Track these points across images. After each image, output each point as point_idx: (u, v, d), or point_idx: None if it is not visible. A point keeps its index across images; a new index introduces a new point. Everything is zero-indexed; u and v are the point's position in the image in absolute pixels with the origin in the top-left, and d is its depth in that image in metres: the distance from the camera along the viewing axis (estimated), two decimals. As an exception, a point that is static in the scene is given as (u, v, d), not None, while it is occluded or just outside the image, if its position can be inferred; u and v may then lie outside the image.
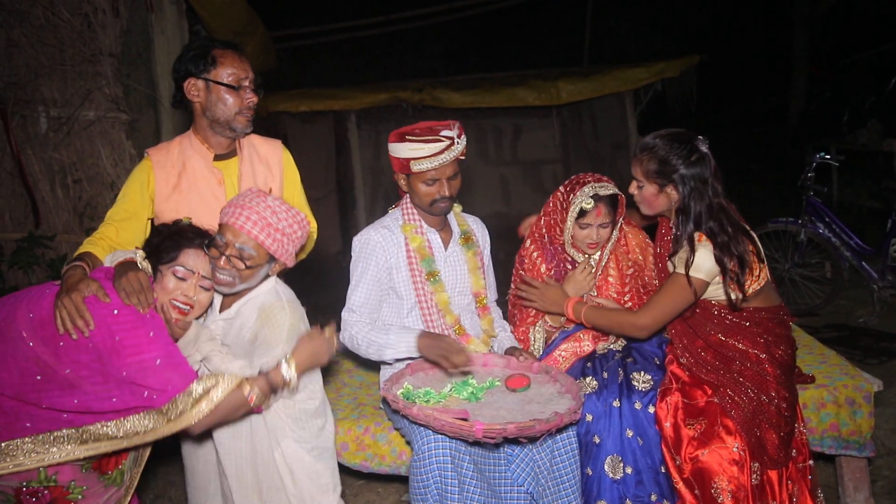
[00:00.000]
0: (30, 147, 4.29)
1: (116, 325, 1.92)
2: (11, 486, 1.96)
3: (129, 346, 1.91)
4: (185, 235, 2.13)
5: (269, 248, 2.15)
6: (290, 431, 2.23)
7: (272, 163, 2.61)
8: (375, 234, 2.63)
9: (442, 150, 2.48)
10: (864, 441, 2.71)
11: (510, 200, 9.86)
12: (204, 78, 2.39)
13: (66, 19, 4.18)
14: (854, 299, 5.68)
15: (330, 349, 2.18)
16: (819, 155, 5.36)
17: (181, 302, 2.10)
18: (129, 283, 1.99)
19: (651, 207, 2.57)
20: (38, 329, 1.92)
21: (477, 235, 2.81)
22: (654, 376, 2.58)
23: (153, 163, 2.46)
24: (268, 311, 2.20)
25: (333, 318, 2.38)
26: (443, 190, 2.54)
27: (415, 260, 2.62)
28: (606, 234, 2.72)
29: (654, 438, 2.48)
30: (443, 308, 2.64)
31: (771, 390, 2.42)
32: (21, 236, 4.24)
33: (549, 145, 9.72)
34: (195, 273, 2.11)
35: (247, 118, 2.46)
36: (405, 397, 2.32)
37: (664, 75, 8.01)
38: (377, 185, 9.29)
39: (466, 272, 2.72)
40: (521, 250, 2.89)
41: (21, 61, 4.21)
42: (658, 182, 2.48)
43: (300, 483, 2.24)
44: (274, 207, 2.16)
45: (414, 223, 2.66)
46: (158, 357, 1.93)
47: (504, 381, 2.48)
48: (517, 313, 2.90)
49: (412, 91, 8.00)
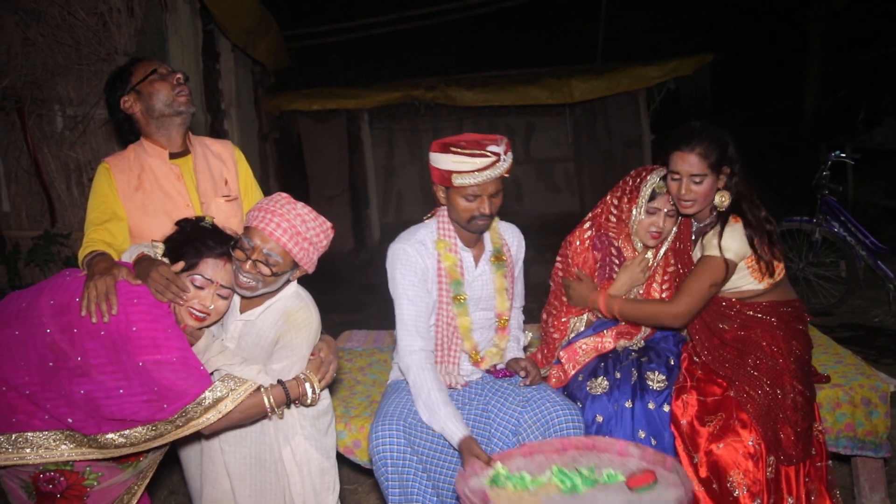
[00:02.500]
0: (46, 145, 4.33)
1: (135, 314, 1.94)
2: (28, 472, 2.00)
3: (146, 338, 1.92)
4: (207, 244, 2.12)
5: (296, 256, 2.15)
6: (301, 429, 2.24)
7: (225, 157, 2.69)
8: (410, 248, 2.52)
9: (487, 167, 2.34)
10: (881, 441, 2.69)
11: (522, 199, 9.84)
12: (130, 89, 2.48)
13: (82, 19, 4.22)
14: (869, 299, 5.64)
15: (335, 364, 2.24)
16: (834, 153, 5.33)
17: (197, 310, 2.10)
18: (158, 279, 2.02)
19: (703, 202, 2.47)
20: (57, 316, 1.94)
21: (512, 248, 2.71)
22: (669, 376, 2.56)
23: (111, 167, 2.52)
24: (293, 315, 2.21)
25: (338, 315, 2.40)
26: (483, 207, 2.41)
27: (444, 280, 2.55)
28: (670, 225, 2.66)
29: (668, 439, 2.47)
30: (463, 333, 2.59)
31: (786, 384, 2.41)
32: (37, 234, 4.28)
33: (562, 144, 9.70)
34: (214, 283, 2.11)
35: (185, 96, 2.52)
36: (492, 482, 2.04)
37: (678, 73, 7.99)
38: (390, 183, 9.32)
39: (493, 292, 2.64)
40: (572, 236, 2.81)
41: (38, 60, 4.26)
42: (717, 171, 2.43)
43: (308, 481, 2.25)
44: (304, 216, 2.16)
45: (448, 240, 2.55)
46: (175, 356, 1.94)
47: (627, 478, 2.00)
48: (562, 300, 2.84)
49: (425, 89, 8.01)
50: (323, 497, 2.28)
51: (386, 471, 2.36)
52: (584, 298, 2.70)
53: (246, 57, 6.80)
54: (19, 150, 4.39)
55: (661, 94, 8.42)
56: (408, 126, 9.32)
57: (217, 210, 2.60)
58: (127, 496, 2.16)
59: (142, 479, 2.21)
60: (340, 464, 3.11)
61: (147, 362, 1.91)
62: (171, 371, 1.93)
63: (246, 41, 6.21)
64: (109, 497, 2.10)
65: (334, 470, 2.34)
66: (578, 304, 2.74)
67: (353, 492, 3.37)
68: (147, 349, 1.92)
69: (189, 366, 1.97)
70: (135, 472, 2.16)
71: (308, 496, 2.25)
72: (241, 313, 2.26)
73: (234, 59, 6.45)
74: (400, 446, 2.37)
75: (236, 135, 6.32)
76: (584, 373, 2.67)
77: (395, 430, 2.38)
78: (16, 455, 1.95)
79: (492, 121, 9.51)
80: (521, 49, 11.42)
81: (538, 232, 5.81)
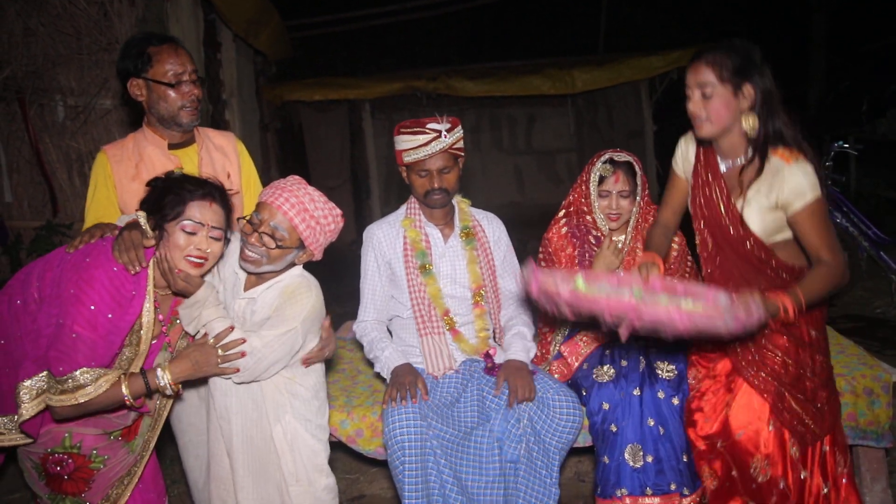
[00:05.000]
0: (47, 135, 4.33)
1: (101, 257, 2.00)
2: (38, 454, 2.04)
3: (87, 278, 1.95)
4: (186, 188, 2.06)
5: (302, 233, 2.16)
6: (291, 408, 2.24)
7: (228, 151, 2.69)
8: (377, 228, 2.78)
9: (427, 143, 2.56)
10: (883, 431, 2.69)
11: (524, 190, 9.84)
12: (143, 77, 2.42)
13: (83, 8, 4.21)
14: (872, 290, 5.63)
15: (214, 361, 2.08)
16: (837, 144, 5.31)
17: (195, 256, 2.06)
18: (124, 240, 2.02)
19: (717, 120, 2.20)
20: (37, 279, 2.05)
21: (487, 231, 2.81)
22: (678, 366, 2.57)
23: (109, 156, 2.51)
24: (293, 289, 2.21)
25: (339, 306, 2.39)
26: (433, 182, 2.60)
27: (410, 252, 2.70)
28: (627, 205, 2.73)
29: (676, 427, 2.47)
30: (433, 299, 2.68)
31: (805, 356, 2.33)
32: (39, 224, 4.29)
33: (564, 134, 9.69)
34: (205, 225, 2.06)
35: (191, 112, 2.48)
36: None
37: (680, 64, 7.93)
38: (391, 174, 9.30)
39: (464, 266, 2.73)
40: (548, 232, 2.87)
41: (38, 50, 4.25)
42: (734, 82, 2.15)
43: (299, 460, 2.25)
44: (313, 196, 2.19)
45: (413, 217, 2.75)
46: (80, 330, 1.92)
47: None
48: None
49: (426, 80, 7.98)
50: (314, 477, 2.27)
51: (403, 455, 2.35)
52: (776, 310, 2.10)
53: (247, 47, 6.78)
54: (21, 141, 4.39)
55: (663, 84, 8.38)
56: (409, 116, 9.25)
57: None
58: (127, 477, 2.18)
59: (137, 462, 2.21)
60: (343, 453, 3.13)
61: (67, 307, 1.92)
62: (75, 340, 1.92)
63: (247, 31, 6.19)
64: (111, 477, 2.13)
65: (325, 452, 2.33)
66: (773, 320, 2.20)
67: (356, 481, 3.38)
68: (80, 283, 1.94)
69: (87, 347, 1.93)
70: (133, 453, 2.18)
71: (300, 475, 2.25)
72: (244, 292, 2.26)
73: (236, 49, 6.43)
74: (419, 429, 2.38)
75: (237, 125, 6.31)
76: (588, 361, 2.68)
77: (412, 412, 2.40)
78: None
79: (493, 111, 9.50)
80: (523, 39, 11.39)
81: (540, 222, 5.79)
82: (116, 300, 1.96)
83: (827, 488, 2.35)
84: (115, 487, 2.14)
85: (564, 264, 2.81)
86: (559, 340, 2.80)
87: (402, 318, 2.77)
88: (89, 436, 2.06)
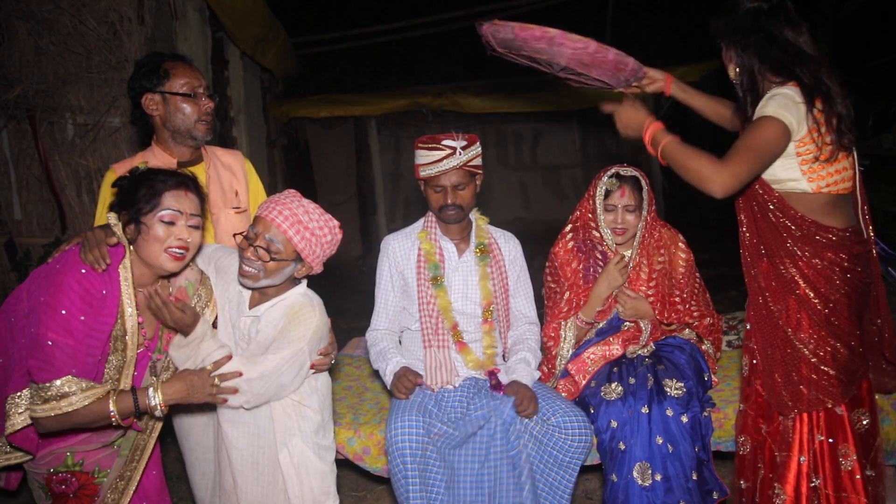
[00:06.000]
0: (57, 153, 4.36)
1: (73, 262, 1.96)
2: (42, 474, 2.03)
3: (57, 283, 1.91)
4: (158, 178, 2.02)
5: (297, 245, 2.15)
6: (300, 431, 2.23)
7: (235, 169, 2.73)
8: (393, 240, 2.82)
9: (441, 158, 2.59)
10: (893, 448, 2.68)
11: (530, 205, 9.85)
12: (159, 91, 2.47)
13: (93, 27, 4.25)
14: (880, 305, 5.58)
15: (208, 389, 2.06)
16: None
17: (177, 247, 2.01)
18: (88, 239, 1.99)
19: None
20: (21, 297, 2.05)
21: (503, 249, 2.81)
22: (687, 384, 2.55)
23: (118, 174, 2.50)
24: (297, 309, 2.21)
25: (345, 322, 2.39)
26: (447, 198, 2.63)
27: (423, 263, 2.73)
28: (633, 220, 2.74)
29: (686, 445, 2.45)
30: (443, 312, 2.68)
31: (802, 332, 2.25)
32: (48, 241, 4.31)
33: (570, 150, 9.71)
34: (183, 213, 2.02)
35: (206, 125, 2.54)
36: None
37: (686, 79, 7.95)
38: (397, 189, 9.34)
39: (476, 282, 2.74)
40: (555, 246, 2.89)
41: (49, 69, 4.30)
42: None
43: (307, 484, 2.23)
44: (307, 208, 2.19)
45: (429, 230, 2.78)
46: (54, 337, 1.87)
47: None
48: (550, 307, 2.88)
49: (432, 96, 8.03)
50: (321, 500, 2.27)
51: (405, 463, 2.36)
52: (639, 123, 2.43)
53: (255, 64, 6.84)
54: (30, 158, 4.43)
55: (668, 100, 8.40)
56: (415, 133, 9.33)
57: (227, 222, 2.62)
58: (122, 482, 2.15)
59: (134, 464, 2.18)
60: (349, 471, 3.12)
61: (43, 301, 1.89)
62: (55, 321, 1.88)
63: (255, 49, 6.25)
64: (108, 484, 2.12)
65: (332, 475, 2.32)
66: (630, 129, 2.47)
67: (362, 499, 3.36)
68: (50, 289, 1.90)
69: (63, 354, 1.88)
70: (121, 457, 2.16)
71: (306, 499, 2.25)
72: (249, 310, 2.26)
73: (243, 67, 6.49)
74: (419, 436, 2.40)
75: (244, 141, 6.35)
76: (596, 379, 2.68)
77: (415, 421, 2.42)
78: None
79: (499, 127, 9.52)
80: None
81: (545, 238, 5.79)
82: (87, 301, 1.91)
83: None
84: (111, 492, 2.11)
85: (570, 278, 2.81)
86: (564, 356, 2.80)
87: (412, 330, 2.78)
88: (91, 452, 2.06)
